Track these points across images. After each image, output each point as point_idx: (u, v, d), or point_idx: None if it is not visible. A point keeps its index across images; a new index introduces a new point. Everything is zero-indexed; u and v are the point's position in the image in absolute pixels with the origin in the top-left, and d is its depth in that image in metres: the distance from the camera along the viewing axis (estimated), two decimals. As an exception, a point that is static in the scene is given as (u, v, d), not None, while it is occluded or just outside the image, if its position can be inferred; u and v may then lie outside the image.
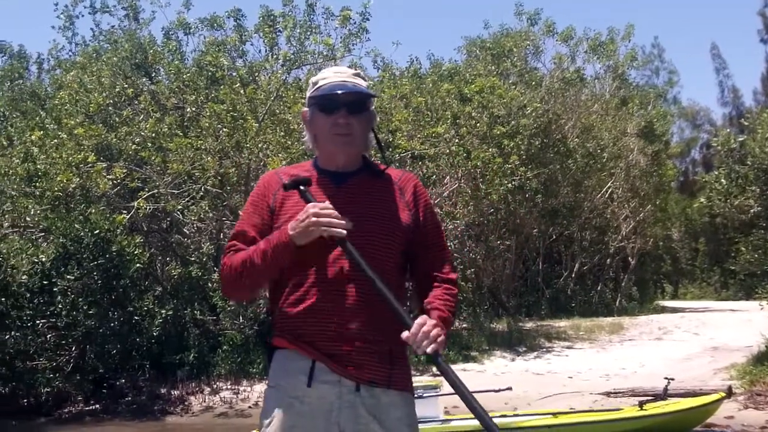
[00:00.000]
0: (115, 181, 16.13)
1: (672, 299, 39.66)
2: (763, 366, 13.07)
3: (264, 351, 2.96)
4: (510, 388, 10.49)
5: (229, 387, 14.97)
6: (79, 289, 14.68)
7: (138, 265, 15.24)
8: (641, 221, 29.01)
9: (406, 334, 2.64)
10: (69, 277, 14.58)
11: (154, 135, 16.76)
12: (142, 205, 15.76)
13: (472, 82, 21.18)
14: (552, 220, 24.90)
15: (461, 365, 15.95)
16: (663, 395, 10.17)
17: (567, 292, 26.13)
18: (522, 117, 21.24)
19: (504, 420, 9.62)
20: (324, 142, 2.94)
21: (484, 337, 18.05)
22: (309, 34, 18.43)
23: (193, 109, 17.73)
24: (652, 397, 10.37)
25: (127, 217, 15.91)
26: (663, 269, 41.49)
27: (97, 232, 14.66)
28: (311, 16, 18.81)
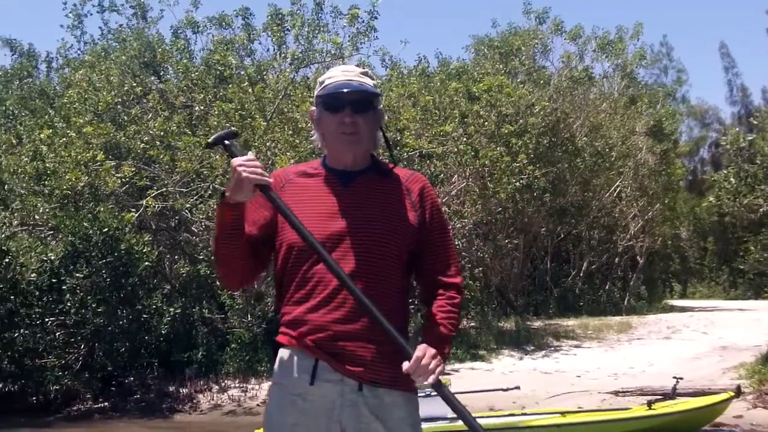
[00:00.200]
0: (123, 180, 16.15)
1: (680, 298, 39.56)
2: (772, 365, 13.06)
3: (271, 349, 2.96)
4: (518, 387, 10.50)
5: (237, 385, 15.00)
6: (87, 287, 14.73)
7: (146, 263, 15.29)
8: (650, 220, 28.95)
9: (406, 366, 2.68)
10: (78, 275, 14.63)
11: (162, 133, 16.77)
12: (150, 203, 15.79)
13: (480, 81, 21.15)
14: (560, 219, 24.86)
15: (469, 364, 15.95)
16: (672, 394, 10.16)
17: (575, 291, 26.09)
18: (530, 116, 21.20)
19: (512, 419, 9.63)
20: (331, 141, 2.94)
21: (492, 336, 18.03)
22: (317, 32, 18.45)
23: (202, 107, 17.76)
24: (660, 397, 10.36)
25: (136, 215, 15.94)
26: (671, 268, 41.40)
27: (105, 230, 14.70)
28: (319, 15, 18.87)
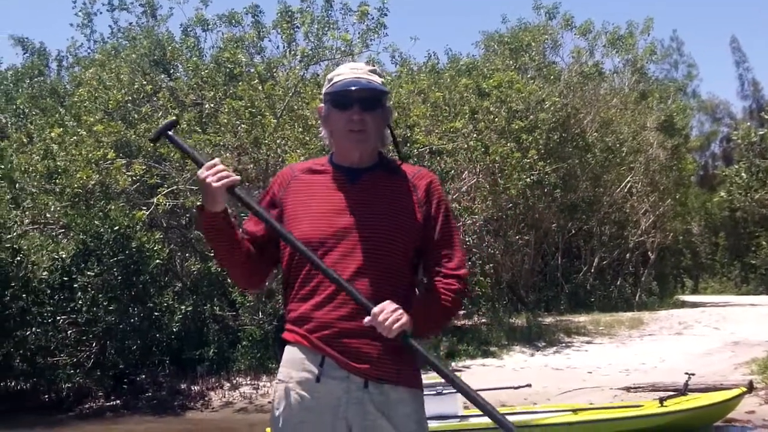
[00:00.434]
0: (134, 178, 16.18)
1: (692, 294, 39.47)
2: (785, 361, 13.01)
3: (279, 346, 2.98)
4: (529, 385, 10.50)
5: (248, 382, 15.03)
6: (99, 286, 14.77)
7: (157, 261, 15.32)
8: (661, 215, 28.87)
9: (367, 320, 2.68)
10: (89, 273, 14.67)
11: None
12: (161, 201, 15.82)
13: (490, 77, 21.12)
14: (571, 215, 24.82)
15: (480, 360, 15.95)
16: (683, 390, 10.12)
17: (586, 287, 26.03)
18: (540, 111, 21.17)
19: (524, 417, 9.62)
20: (339, 138, 2.95)
21: (503, 332, 18.01)
22: (327, 29, 18.42)
23: (212, 105, 17.77)
24: (672, 393, 10.34)
25: (147, 213, 15.98)
26: (683, 264, 41.35)
27: (116, 228, 14.74)
28: (329, 12, 18.84)
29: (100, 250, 14.82)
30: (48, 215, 16.61)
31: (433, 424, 9.02)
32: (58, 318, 15.06)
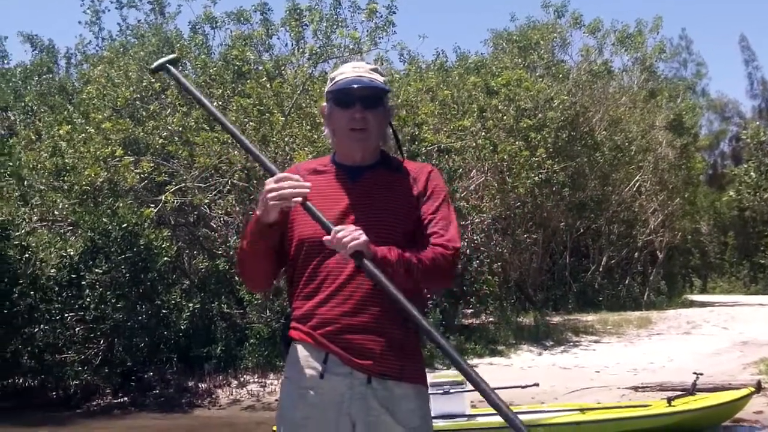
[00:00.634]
0: (142, 175, 16.20)
1: (700, 293, 39.42)
2: (794, 361, 12.98)
3: (283, 344, 2.99)
4: (537, 384, 10.46)
5: (256, 380, 15.02)
6: (107, 283, 14.78)
7: (165, 258, 15.32)
8: (669, 215, 28.85)
9: (326, 238, 2.67)
10: (97, 270, 14.68)
11: (181, 129, 16.82)
12: (169, 198, 15.84)
13: (499, 75, 21.11)
14: (579, 214, 24.79)
15: (488, 359, 15.92)
16: (691, 390, 10.09)
17: (594, 286, 26.03)
18: (549, 110, 21.15)
19: (532, 416, 9.60)
20: (341, 136, 2.96)
21: (510, 331, 17.99)
22: (335, 27, 18.41)
23: (220, 103, 17.75)
24: (680, 393, 10.30)
25: (155, 210, 16.00)
26: (691, 263, 41.26)
27: (124, 225, 14.74)
28: (338, 10, 18.82)
29: (108, 247, 14.83)
30: (56, 212, 16.63)
31: (440, 423, 9.01)
32: (66, 315, 15.07)
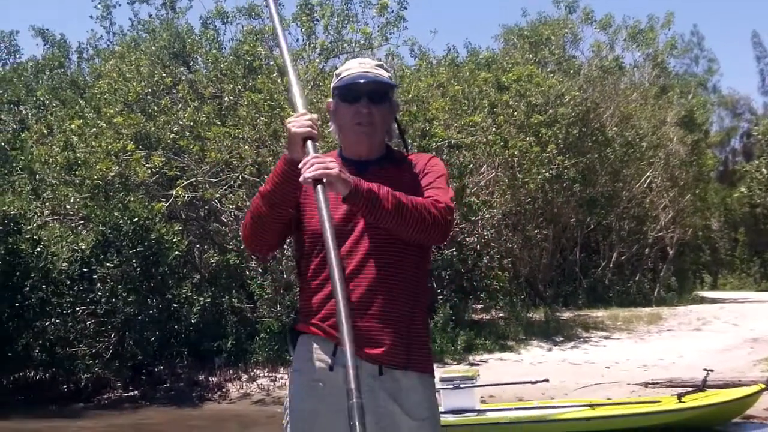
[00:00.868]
0: (153, 170, 16.23)
1: (711, 290, 39.26)
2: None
3: (290, 337, 2.99)
4: (547, 380, 10.48)
5: (266, 374, 15.06)
6: (118, 277, 14.85)
7: (176, 252, 15.37)
8: (680, 211, 28.77)
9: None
10: (108, 264, 14.74)
11: (192, 124, 16.85)
12: (180, 193, 15.86)
13: (510, 71, 21.07)
14: (590, 210, 24.72)
15: (498, 354, 15.94)
16: (702, 386, 10.09)
17: (605, 282, 25.97)
18: (560, 106, 21.11)
19: (542, 412, 9.62)
20: (346, 131, 3.02)
21: (521, 327, 17.99)
22: (346, 22, 18.43)
23: (231, 98, 17.80)
24: (690, 389, 10.30)
25: (166, 205, 16.03)
26: (702, 259, 41.09)
27: (136, 220, 14.80)
28: (349, 5, 18.84)
29: (119, 241, 14.89)
30: (68, 206, 16.70)
31: (450, 418, 9.04)
32: (77, 309, 15.15)
